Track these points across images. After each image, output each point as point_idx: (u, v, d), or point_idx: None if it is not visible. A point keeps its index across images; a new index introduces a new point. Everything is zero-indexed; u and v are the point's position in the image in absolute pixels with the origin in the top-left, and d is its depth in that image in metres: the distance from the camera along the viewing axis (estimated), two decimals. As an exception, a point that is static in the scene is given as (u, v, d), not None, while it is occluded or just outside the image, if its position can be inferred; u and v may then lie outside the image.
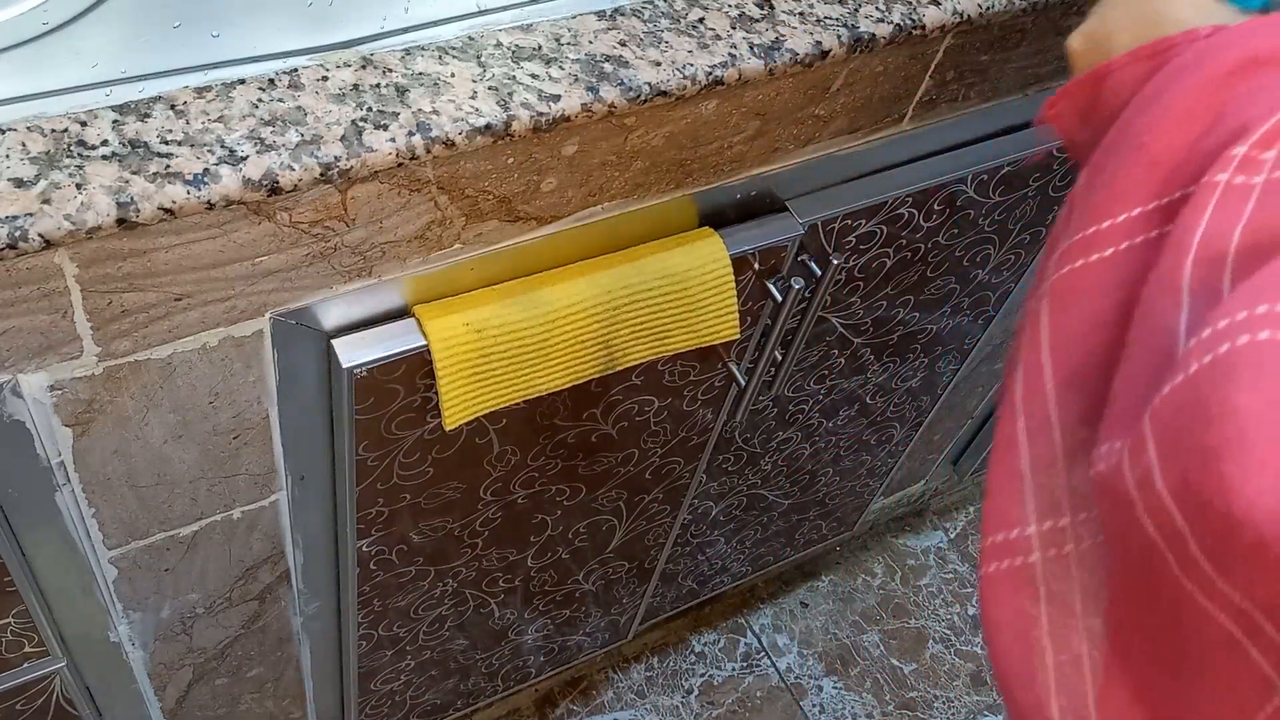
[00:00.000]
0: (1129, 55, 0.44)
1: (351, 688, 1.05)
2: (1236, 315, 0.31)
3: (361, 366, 0.67)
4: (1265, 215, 0.34)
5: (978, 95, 0.85)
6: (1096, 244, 0.40)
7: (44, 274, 0.53)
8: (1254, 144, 0.36)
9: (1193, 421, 0.31)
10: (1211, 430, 0.31)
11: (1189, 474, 0.31)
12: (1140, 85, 0.42)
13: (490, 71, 0.61)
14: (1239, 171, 0.36)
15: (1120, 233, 0.39)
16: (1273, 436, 0.29)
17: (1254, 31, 0.40)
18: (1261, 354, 0.30)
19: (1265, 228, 0.34)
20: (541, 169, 0.65)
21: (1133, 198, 0.39)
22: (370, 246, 0.63)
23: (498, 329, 0.69)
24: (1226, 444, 0.30)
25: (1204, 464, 0.31)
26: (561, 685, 1.44)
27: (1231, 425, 0.30)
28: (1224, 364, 0.31)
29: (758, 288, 0.82)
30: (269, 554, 0.82)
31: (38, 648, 0.75)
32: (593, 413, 0.86)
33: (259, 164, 0.54)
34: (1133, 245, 0.39)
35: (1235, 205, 0.35)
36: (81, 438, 0.63)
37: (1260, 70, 0.39)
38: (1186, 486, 0.31)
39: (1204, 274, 0.35)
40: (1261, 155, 0.36)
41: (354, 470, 0.75)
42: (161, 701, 0.91)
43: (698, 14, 0.68)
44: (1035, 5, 0.77)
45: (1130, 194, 0.39)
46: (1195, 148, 0.38)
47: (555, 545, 1.03)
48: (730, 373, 0.90)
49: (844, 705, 1.49)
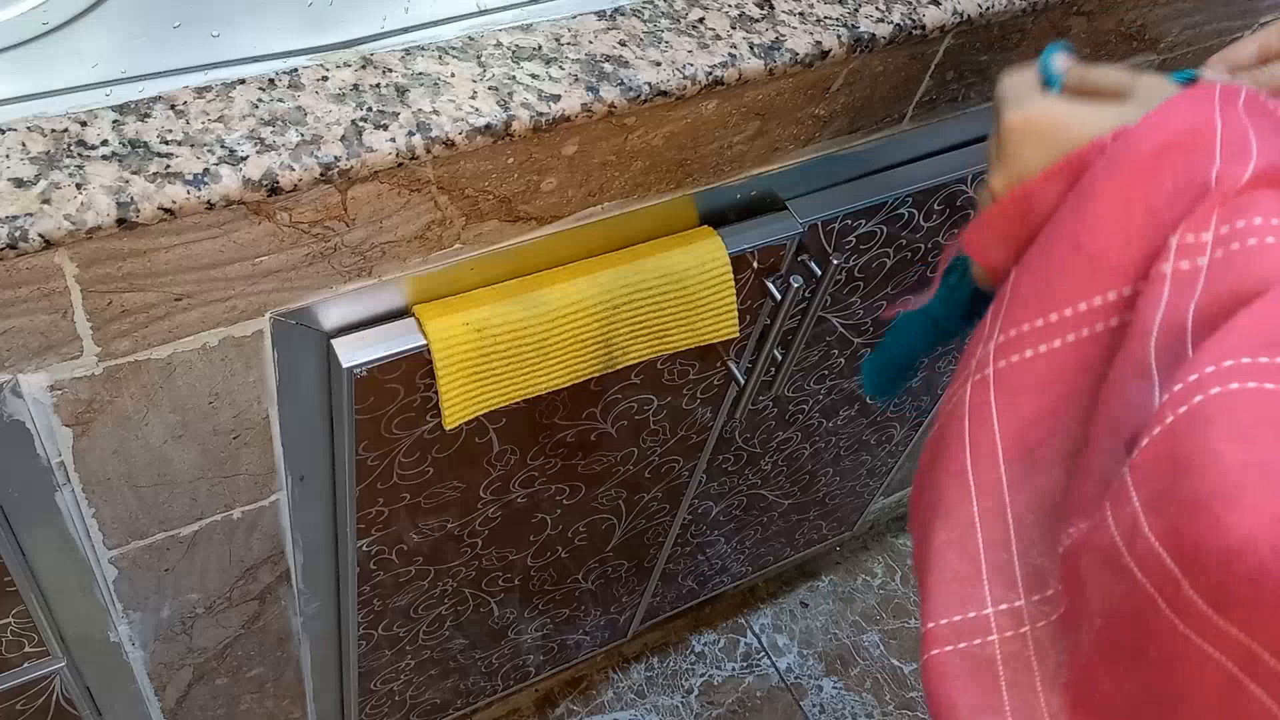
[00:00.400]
0: (1043, 176, 0.46)
1: (351, 687, 1.05)
2: (1205, 369, 0.34)
3: (361, 366, 0.67)
4: (1214, 289, 0.37)
5: (978, 95, 0.85)
6: (1045, 336, 0.42)
7: (44, 274, 0.53)
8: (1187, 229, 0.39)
9: (1177, 471, 0.33)
10: (1198, 479, 0.32)
11: (1180, 521, 0.33)
12: (1061, 199, 0.44)
13: (490, 71, 0.61)
14: (1181, 257, 0.38)
15: (1069, 325, 0.42)
16: (1258, 481, 0.31)
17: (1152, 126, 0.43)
18: (1235, 403, 0.32)
19: (1216, 299, 0.37)
20: (541, 169, 0.65)
21: (1079, 293, 0.42)
22: (370, 246, 0.63)
23: (498, 328, 0.69)
24: (1217, 491, 0.32)
25: (1195, 511, 0.32)
26: (561, 685, 1.44)
27: (1216, 473, 0.32)
28: (1200, 415, 0.33)
29: (757, 286, 0.82)
30: (269, 554, 0.82)
31: (38, 648, 0.75)
32: (592, 412, 0.86)
33: (259, 164, 0.54)
34: (1080, 338, 0.42)
35: (1187, 288, 0.38)
36: (81, 438, 0.63)
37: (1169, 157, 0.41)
38: (1179, 533, 0.33)
39: (1168, 350, 0.37)
40: (1201, 238, 0.38)
41: (354, 470, 0.75)
42: (161, 701, 0.91)
43: (698, 14, 0.68)
44: (1035, 5, 0.77)
45: (1076, 290, 0.42)
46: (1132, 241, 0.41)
47: (555, 544, 1.03)
48: (729, 371, 0.90)
49: (844, 705, 1.49)
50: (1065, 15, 0.82)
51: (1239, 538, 0.31)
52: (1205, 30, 0.97)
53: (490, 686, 1.25)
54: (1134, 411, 0.37)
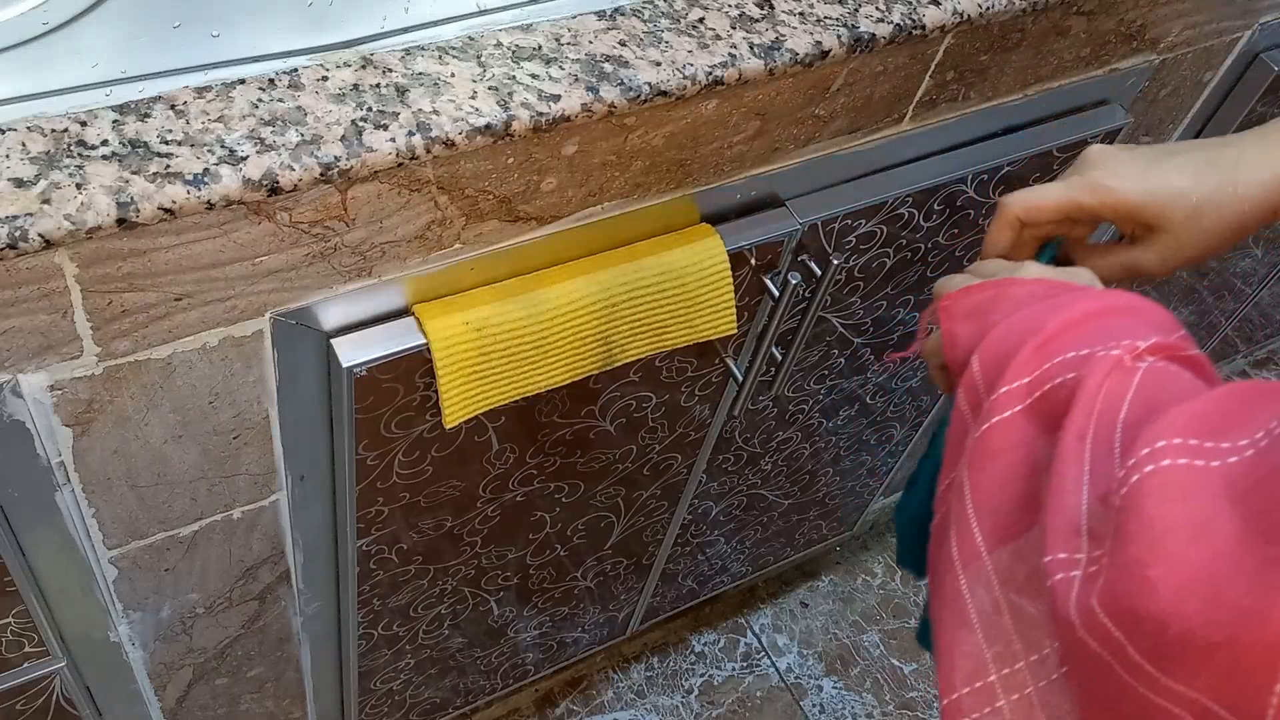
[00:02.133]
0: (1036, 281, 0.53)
1: (351, 687, 1.05)
2: (1140, 453, 0.37)
3: (361, 366, 0.67)
4: (1148, 390, 0.43)
5: (978, 95, 0.85)
6: (998, 408, 0.46)
7: (44, 274, 0.53)
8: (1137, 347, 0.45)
9: (1115, 542, 0.36)
10: (1132, 545, 0.35)
11: (1117, 586, 0.36)
12: (1037, 300, 0.50)
13: (490, 71, 0.61)
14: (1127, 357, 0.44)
15: (1016, 397, 0.46)
16: (1185, 539, 0.34)
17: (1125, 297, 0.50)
18: (1166, 476, 0.36)
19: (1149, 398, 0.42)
20: (541, 169, 0.65)
21: (1026, 370, 0.47)
22: (370, 246, 0.63)
23: (497, 327, 0.69)
24: (1146, 553, 0.35)
25: (1129, 575, 0.35)
26: (561, 685, 1.44)
27: (1148, 536, 0.35)
28: (1135, 492, 0.37)
29: (755, 284, 0.82)
30: (269, 554, 0.82)
31: (38, 648, 0.75)
32: (590, 410, 0.86)
33: (259, 164, 0.54)
34: (1025, 406, 0.46)
35: (1124, 379, 0.43)
36: (81, 438, 0.63)
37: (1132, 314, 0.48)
38: (1117, 599, 0.36)
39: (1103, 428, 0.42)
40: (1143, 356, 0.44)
41: (354, 469, 0.75)
42: (161, 701, 0.91)
43: (698, 14, 0.68)
44: (1035, 5, 0.77)
45: (1025, 367, 0.47)
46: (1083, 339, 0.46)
47: (554, 543, 1.03)
48: (728, 369, 0.90)
49: (844, 705, 1.49)
50: (1065, 15, 0.82)
51: (1167, 600, 0.34)
52: (1205, 30, 0.97)
53: (490, 685, 1.25)
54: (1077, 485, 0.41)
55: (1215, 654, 0.33)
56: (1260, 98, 1.07)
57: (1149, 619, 0.34)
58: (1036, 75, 0.87)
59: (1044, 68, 0.87)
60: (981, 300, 0.53)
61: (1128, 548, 0.35)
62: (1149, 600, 0.34)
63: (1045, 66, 0.86)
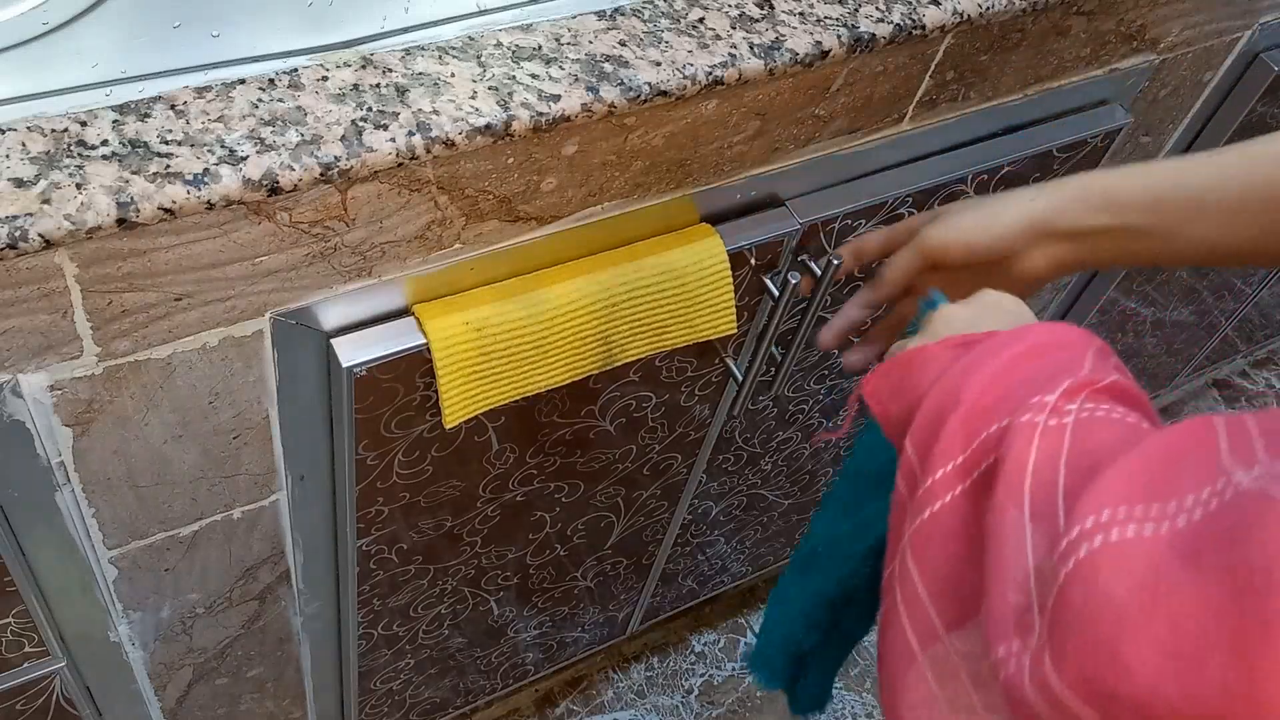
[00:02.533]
0: (941, 344, 0.52)
1: (351, 687, 1.05)
2: (1085, 523, 0.37)
3: (361, 366, 0.67)
4: (1081, 445, 0.42)
5: (978, 95, 0.85)
6: (935, 495, 0.46)
7: (44, 274, 0.53)
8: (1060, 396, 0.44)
9: (1078, 620, 0.36)
10: (1099, 624, 0.35)
11: (1086, 668, 0.35)
12: (950, 365, 0.50)
13: (490, 71, 0.61)
14: (1051, 415, 0.43)
15: (951, 481, 0.46)
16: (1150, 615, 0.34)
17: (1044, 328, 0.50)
18: (1121, 551, 0.36)
19: (1084, 454, 0.41)
20: (541, 169, 0.65)
21: (955, 449, 0.46)
22: (370, 246, 0.63)
23: (497, 327, 0.69)
24: (1113, 630, 0.34)
25: (1098, 654, 0.34)
26: (562, 685, 1.44)
27: (1113, 614, 0.34)
28: (1089, 565, 0.36)
29: (755, 284, 0.82)
30: (269, 554, 0.82)
31: (38, 648, 0.75)
32: (590, 409, 0.86)
33: (259, 164, 0.54)
34: (964, 488, 0.45)
35: (1054, 440, 0.42)
36: (81, 438, 0.63)
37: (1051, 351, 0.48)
38: (1088, 680, 0.35)
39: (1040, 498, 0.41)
40: (1066, 406, 0.44)
41: (353, 470, 0.75)
42: (161, 701, 0.91)
43: (698, 14, 0.68)
44: (1035, 5, 0.77)
45: (953, 447, 0.46)
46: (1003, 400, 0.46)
47: (554, 542, 1.03)
48: (728, 369, 0.90)
49: (844, 705, 1.49)
50: (1065, 15, 0.82)
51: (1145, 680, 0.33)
52: (1206, 30, 0.97)
53: (490, 685, 1.25)
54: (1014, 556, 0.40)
55: None
56: (1260, 98, 1.07)
57: (1127, 700, 0.34)
58: (1036, 75, 0.87)
59: (1044, 68, 0.87)
60: (900, 377, 0.53)
61: (1097, 627, 0.35)
62: (1125, 683, 0.34)
63: (1045, 66, 0.87)
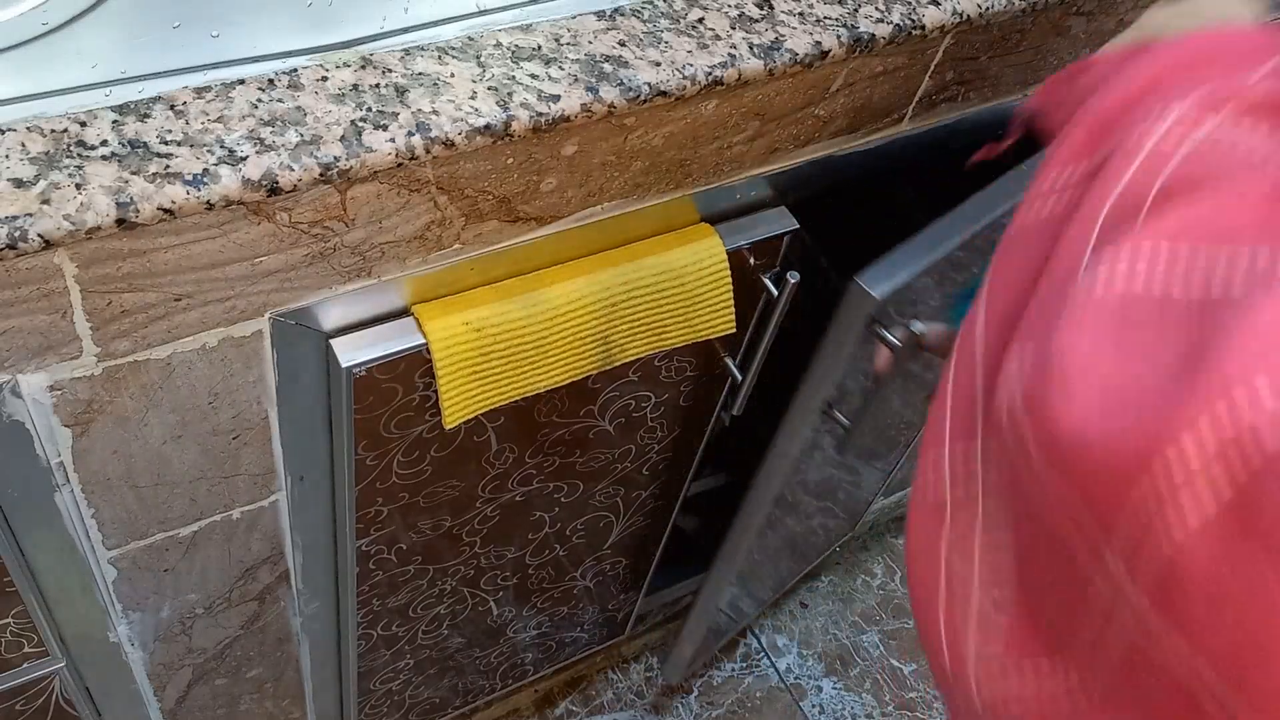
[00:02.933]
0: (1106, 57, 0.50)
1: (351, 687, 1.05)
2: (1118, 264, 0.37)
3: (361, 366, 0.67)
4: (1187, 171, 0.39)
5: (978, 95, 0.85)
6: (1038, 198, 0.45)
7: (44, 274, 0.53)
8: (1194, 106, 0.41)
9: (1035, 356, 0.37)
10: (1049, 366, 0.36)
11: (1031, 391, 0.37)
12: (1110, 74, 0.47)
13: (490, 71, 0.61)
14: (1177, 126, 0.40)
15: (1058, 187, 0.44)
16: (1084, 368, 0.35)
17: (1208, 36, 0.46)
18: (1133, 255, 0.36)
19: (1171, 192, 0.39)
20: (541, 169, 0.65)
21: (1069, 160, 0.44)
22: (370, 247, 0.63)
23: (497, 327, 0.69)
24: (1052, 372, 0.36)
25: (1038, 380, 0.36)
26: (561, 685, 1.44)
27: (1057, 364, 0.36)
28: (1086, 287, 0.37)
29: (754, 283, 0.82)
30: (268, 554, 0.82)
31: (37, 648, 0.75)
32: (590, 409, 0.86)
33: (259, 164, 0.54)
34: (1060, 198, 0.44)
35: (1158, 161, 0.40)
36: (81, 438, 0.63)
37: (1214, 58, 0.44)
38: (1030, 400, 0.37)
39: (1117, 216, 0.40)
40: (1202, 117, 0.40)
41: (353, 470, 0.75)
42: (161, 702, 0.91)
43: (697, 14, 0.68)
44: (1035, 5, 0.77)
45: (1074, 154, 0.44)
46: (1128, 111, 0.43)
47: (553, 542, 1.03)
48: (727, 368, 0.90)
49: (844, 705, 1.49)
50: (1065, 15, 0.82)
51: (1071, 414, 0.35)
52: (1204, 30, 0.97)
53: (489, 685, 1.25)
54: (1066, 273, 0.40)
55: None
56: (1260, 98, 1.06)
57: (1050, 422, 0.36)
58: (1036, 75, 0.87)
59: (1044, 68, 0.87)
60: (1064, 90, 0.51)
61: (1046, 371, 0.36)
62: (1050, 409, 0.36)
63: (1045, 66, 0.87)
